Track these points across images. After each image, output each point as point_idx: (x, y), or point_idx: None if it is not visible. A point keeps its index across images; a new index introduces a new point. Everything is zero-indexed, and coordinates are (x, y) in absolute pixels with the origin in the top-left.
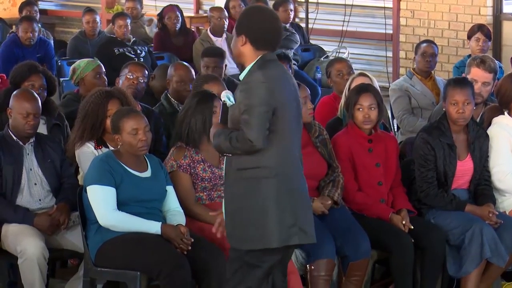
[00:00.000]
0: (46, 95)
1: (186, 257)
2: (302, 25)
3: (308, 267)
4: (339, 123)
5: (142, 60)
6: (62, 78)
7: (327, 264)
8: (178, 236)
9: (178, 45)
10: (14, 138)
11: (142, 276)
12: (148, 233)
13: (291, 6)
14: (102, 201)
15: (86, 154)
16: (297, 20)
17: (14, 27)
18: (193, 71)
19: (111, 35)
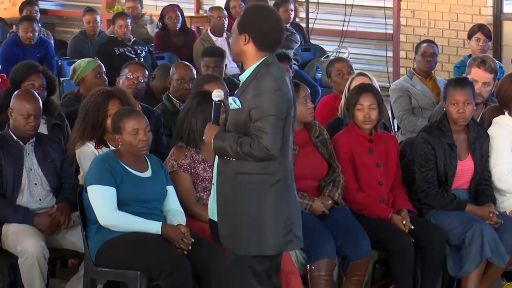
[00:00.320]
0: (46, 95)
1: (187, 257)
2: (303, 25)
3: (308, 267)
4: (340, 123)
5: (143, 60)
6: (63, 78)
7: (328, 264)
8: (178, 236)
9: (179, 44)
10: (15, 138)
11: (143, 276)
12: (148, 233)
13: (292, 6)
14: (102, 201)
15: (87, 153)
16: (297, 20)
17: (14, 27)
18: (194, 70)
19: (112, 35)
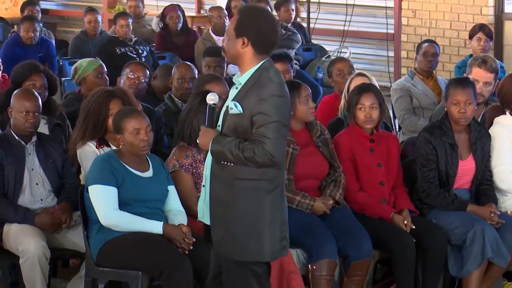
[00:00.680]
0: (47, 95)
1: (188, 257)
2: (304, 24)
3: (309, 267)
4: (340, 124)
5: (144, 59)
6: (64, 78)
7: (329, 264)
8: (179, 236)
9: (180, 44)
10: (16, 137)
11: (144, 276)
12: (149, 233)
13: (293, 6)
14: (103, 200)
15: (88, 153)
16: (298, 19)
17: (15, 27)
18: (194, 70)
19: (113, 35)
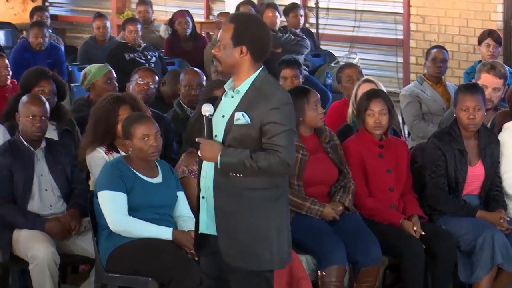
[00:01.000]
0: (56, 101)
1: (197, 263)
2: (313, 30)
3: (319, 273)
4: (349, 129)
5: (153, 65)
6: (73, 84)
7: (338, 270)
8: (189, 242)
9: (189, 50)
10: (25, 143)
11: (153, 282)
12: (159, 239)
13: (302, 12)
14: (113, 206)
15: (97, 159)
16: (307, 25)
17: (24, 32)
18: (202, 76)
19: (122, 41)
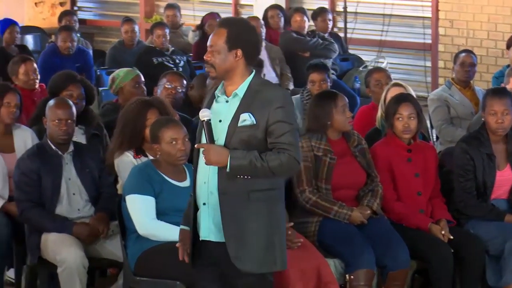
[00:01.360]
0: (84, 105)
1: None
2: (341, 34)
3: (347, 277)
4: (378, 134)
5: (181, 69)
6: (101, 88)
7: (367, 274)
8: None
9: None
10: (53, 147)
11: (181, 285)
12: None
13: (330, 16)
14: (141, 210)
15: (125, 163)
16: (335, 29)
17: (53, 37)
18: None
19: (150, 45)
